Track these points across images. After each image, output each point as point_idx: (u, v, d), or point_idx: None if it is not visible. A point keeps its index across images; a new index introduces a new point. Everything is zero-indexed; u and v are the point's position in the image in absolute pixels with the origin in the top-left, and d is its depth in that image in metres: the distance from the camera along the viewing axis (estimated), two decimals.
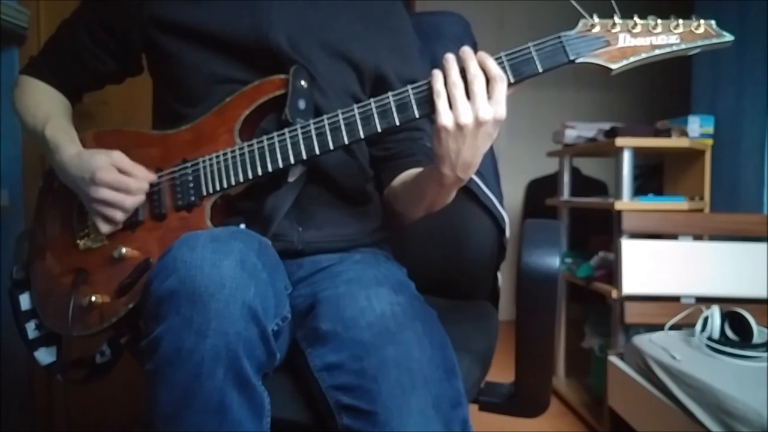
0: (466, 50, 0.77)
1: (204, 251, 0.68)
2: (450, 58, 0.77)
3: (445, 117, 0.76)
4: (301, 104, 0.87)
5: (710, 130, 2.19)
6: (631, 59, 0.77)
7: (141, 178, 0.87)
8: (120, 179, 0.86)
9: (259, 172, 0.85)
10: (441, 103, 0.76)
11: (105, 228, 0.88)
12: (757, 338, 1.50)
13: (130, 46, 0.99)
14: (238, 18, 0.92)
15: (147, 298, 0.70)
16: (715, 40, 0.76)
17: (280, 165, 0.84)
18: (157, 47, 0.95)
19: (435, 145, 0.79)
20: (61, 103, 1.02)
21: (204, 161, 0.87)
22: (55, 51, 1.02)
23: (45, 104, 0.99)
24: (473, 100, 0.75)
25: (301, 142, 0.84)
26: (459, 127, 0.76)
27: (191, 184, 0.87)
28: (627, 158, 1.96)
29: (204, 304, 0.65)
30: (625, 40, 0.77)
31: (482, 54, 0.77)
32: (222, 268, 0.67)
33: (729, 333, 1.56)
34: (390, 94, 0.81)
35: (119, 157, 0.87)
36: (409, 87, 0.80)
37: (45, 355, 0.93)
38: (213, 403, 0.65)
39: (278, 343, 0.73)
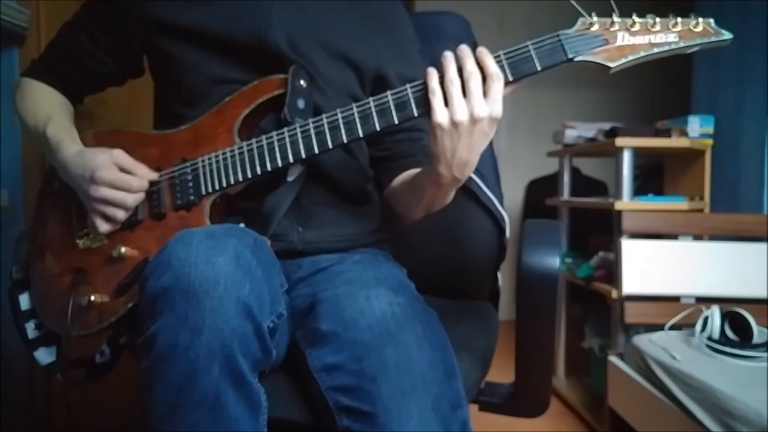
0: (464, 48, 0.77)
1: (198, 248, 0.68)
2: (448, 56, 0.77)
3: (440, 114, 0.76)
4: (300, 104, 0.87)
5: (710, 130, 2.18)
6: (630, 57, 0.77)
7: (142, 175, 0.88)
8: (121, 177, 0.86)
9: (258, 172, 0.85)
10: (436, 100, 0.76)
11: (104, 227, 0.88)
12: (757, 338, 1.49)
13: (130, 48, 0.99)
14: (238, 19, 0.92)
15: (142, 295, 0.70)
16: (713, 38, 0.77)
17: (279, 164, 0.84)
18: (156, 49, 0.95)
19: (431, 143, 0.79)
20: (62, 103, 1.02)
21: (203, 161, 0.87)
22: (55, 53, 1.02)
23: (46, 104, 0.99)
24: (469, 98, 0.75)
25: (300, 141, 0.84)
26: (454, 124, 0.76)
27: (190, 184, 0.87)
28: (627, 158, 1.96)
29: (198, 301, 0.65)
30: (623, 39, 0.77)
31: (482, 50, 0.77)
32: (216, 265, 0.66)
33: (729, 333, 1.56)
34: (389, 93, 0.81)
35: (120, 155, 0.87)
36: (407, 85, 0.80)
37: (45, 355, 0.93)
38: (209, 400, 0.65)
39: (275, 340, 0.73)
